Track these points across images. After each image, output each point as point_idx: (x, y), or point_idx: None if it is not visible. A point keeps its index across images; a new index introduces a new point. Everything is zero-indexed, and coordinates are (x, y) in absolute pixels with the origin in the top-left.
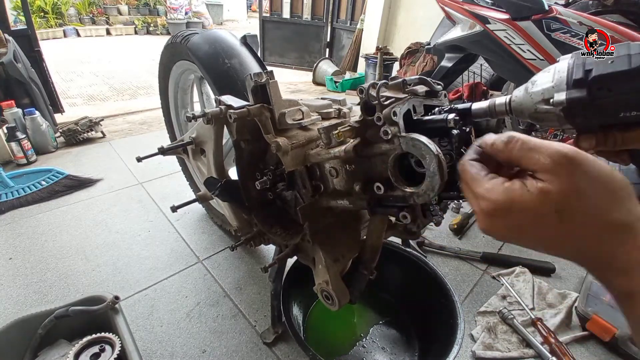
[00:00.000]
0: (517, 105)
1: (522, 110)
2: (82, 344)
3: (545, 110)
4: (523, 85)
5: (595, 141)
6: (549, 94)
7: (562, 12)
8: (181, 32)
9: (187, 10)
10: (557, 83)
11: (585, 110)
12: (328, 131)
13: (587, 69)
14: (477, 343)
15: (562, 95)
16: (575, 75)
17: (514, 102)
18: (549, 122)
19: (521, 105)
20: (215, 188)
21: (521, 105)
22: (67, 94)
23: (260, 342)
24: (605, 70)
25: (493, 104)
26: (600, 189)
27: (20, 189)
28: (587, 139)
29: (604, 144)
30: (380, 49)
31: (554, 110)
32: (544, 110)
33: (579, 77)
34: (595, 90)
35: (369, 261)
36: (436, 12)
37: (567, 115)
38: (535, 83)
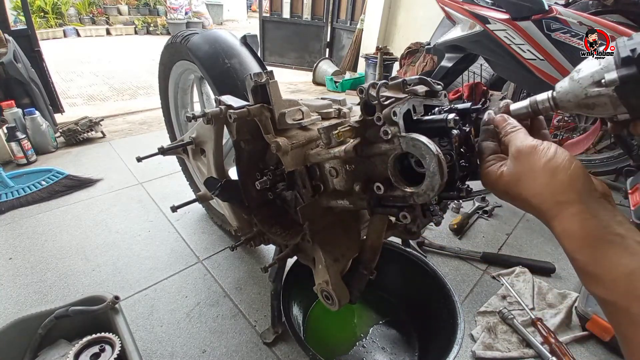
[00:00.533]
0: (563, 95)
1: (570, 99)
2: (82, 344)
3: (597, 94)
4: (565, 77)
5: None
6: (599, 75)
7: (562, 12)
8: (181, 32)
9: (187, 10)
10: (605, 64)
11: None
12: (328, 131)
13: (632, 49)
14: (477, 343)
15: (613, 74)
16: (622, 54)
17: (560, 92)
18: (601, 108)
19: (568, 94)
20: (215, 188)
21: (568, 94)
22: (67, 94)
23: (260, 342)
24: None
25: (535, 101)
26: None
27: (20, 189)
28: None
29: None
30: (380, 49)
31: (606, 92)
32: (595, 94)
33: (626, 55)
34: None
35: (369, 261)
36: (436, 12)
37: (621, 96)
38: (580, 70)
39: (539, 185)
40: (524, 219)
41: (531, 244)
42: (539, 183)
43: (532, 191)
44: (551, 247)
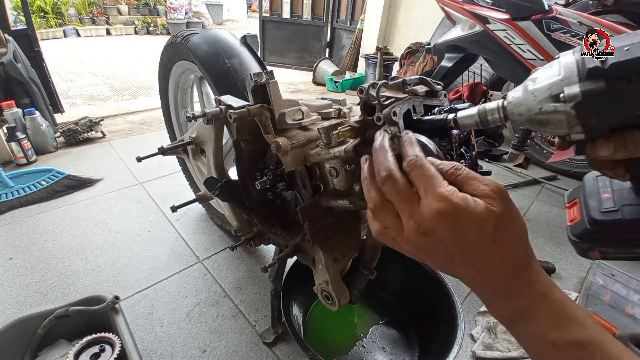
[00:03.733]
0: (514, 107)
1: (522, 113)
2: (82, 344)
3: (553, 109)
4: (519, 86)
5: (614, 146)
6: (557, 88)
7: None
8: (181, 32)
9: (187, 10)
10: (566, 75)
11: (602, 105)
12: (328, 131)
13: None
14: (477, 343)
15: (575, 88)
16: (589, 64)
17: (511, 104)
18: (554, 125)
19: (520, 107)
20: (215, 188)
21: (520, 107)
22: (67, 94)
23: (260, 342)
24: (622, 57)
25: (484, 110)
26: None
27: (20, 189)
28: (604, 144)
29: (623, 149)
30: (380, 49)
31: (564, 108)
32: (551, 109)
33: (594, 65)
34: (613, 80)
35: (369, 261)
36: (436, 12)
37: (581, 114)
38: (536, 80)
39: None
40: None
41: (531, 244)
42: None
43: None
44: (551, 247)
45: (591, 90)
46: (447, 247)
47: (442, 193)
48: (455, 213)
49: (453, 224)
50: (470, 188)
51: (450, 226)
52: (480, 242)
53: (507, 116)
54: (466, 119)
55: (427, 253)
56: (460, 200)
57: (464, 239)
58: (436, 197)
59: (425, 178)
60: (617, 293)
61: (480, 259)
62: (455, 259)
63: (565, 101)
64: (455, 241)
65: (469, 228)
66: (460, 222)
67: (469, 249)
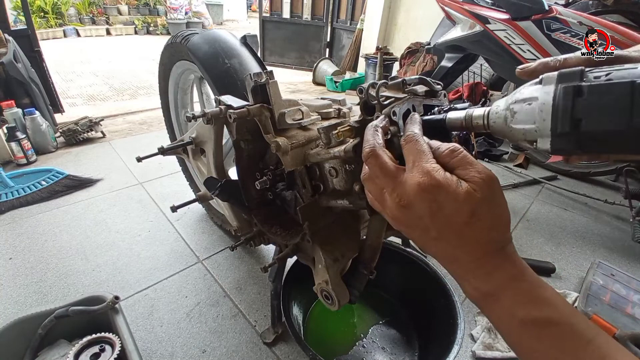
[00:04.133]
0: (495, 130)
1: (502, 136)
2: (82, 344)
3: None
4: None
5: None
6: (531, 136)
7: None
8: (181, 32)
9: (187, 10)
10: (540, 127)
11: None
12: (328, 131)
13: (577, 118)
14: (477, 343)
15: (546, 144)
16: (561, 128)
17: (492, 127)
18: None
19: (501, 133)
20: (215, 188)
21: (501, 133)
22: (67, 94)
23: (260, 342)
24: (598, 126)
25: (470, 116)
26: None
27: (20, 189)
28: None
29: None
30: (380, 49)
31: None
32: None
33: (566, 130)
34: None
35: (368, 261)
36: (436, 12)
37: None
38: (515, 116)
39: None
40: (524, 219)
41: (531, 244)
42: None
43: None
44: (551, 247)
45: (561, 149)
46: (424, 222)
47: (426, 167)
48: (434, 188)
49: (430, 199)
50: (463, 172)
51: (428, 200)
52: (454, 221)
53: (490, 130)
54: (453, 121)
55: (408, 227)
56: (442, 177)
57: (439, 215)
58: (420, 170)
59: (416, 152)
60: (617, 293)
61: (453, 237)
62: (430, 233)
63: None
64: (431, 216)
65: (445, 205)
66: (438, 198)
67: (443, 225)
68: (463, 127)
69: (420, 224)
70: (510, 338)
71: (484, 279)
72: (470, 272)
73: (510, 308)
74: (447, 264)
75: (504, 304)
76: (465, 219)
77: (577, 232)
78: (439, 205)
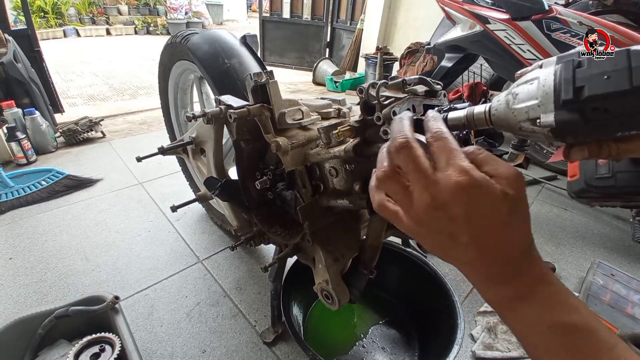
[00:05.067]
0: (497, 119)
1: (505, 125)
2: (82, 344)
3: (531, 130)
4: (503, 96)
5: (587, 152)
6: (534, 113)
7: (562, 12)
8: (181, 32)
9: (187, 10)
10: (543, 101)
11: (577, 131)
12: (328, 131)
13: (578, 86)
14: (477, 343)
15: (549, 117)
16: (565, 95)
17: (494, 115)
18: (536, 139)
19: (503, 121)
20: (215, 188)
21: (503, 121)
22: (67, 94)
23: (260, 342)
24: (600, 89)
25: (471, 113)
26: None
27: (20, 189)
28: (578, 151)
29: (597, 155)
30: (380, 49)
31: (541, 130)
32: (529, 129)
33: (569, 97)
34: (589, 111)
35: (368, 261)
36: (436, 12)
37: (557, 135)
38: (517, 97)
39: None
40: None
41: None
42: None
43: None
44: (551, 247)
45: (565, 120)
46: (456, 225)
47: (463, 166)
48: (474, 189)
49: (470, 200)
50: (490, 168)
51: (467, 202)
52: (493, 222)
53: (492, 122)
54: (454, 120)
55: (432, 231)
56: (480, 176)
57: (477, 216)
58: (457, 169)
59: (448, 150)
60: (617, 293)
61: (488, 240)
62: (460, 238)
63: (542, 127)
64: (467, 218)
65: (484, 206)
66: (478, 199)
67: (479, 228)
68: (465, 125)
69: (448, 228)
70: (533, 343)
71: (512, 282)
72: (498, 275)
73: (537, 313)
74: (472, 270)
75: (531, 307)
76: (503, 219)
77: (577, 232)
78: (478, 207)
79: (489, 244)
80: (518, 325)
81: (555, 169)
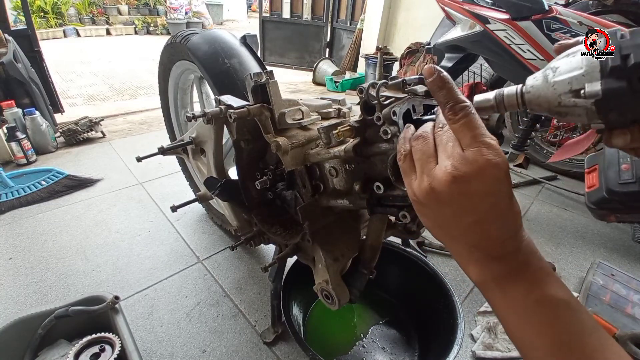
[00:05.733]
0: (533, 97)
1: (541, 103)
2: (82, 344)
3: (572, 104)
4: (539, 73)
5: (630, 137)
6: (578, 83)
7: (562, 12)
8: (181, 32)
9: (187, 10)
10: (588, 70)
11: (622, 103)
12: (328, 131)
13: (624, 54)
14: (477, 343)
15: (596, 86)
16: (612, 62)
17: (530, 93)
18: (573, 117)
19: (539, 98)
20: (215, 188)
21: (539, 98)
22: (67, 94)
23: (260, 342)
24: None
25: (501, 95)
26: None
27: (20, 189)
28: (620, 134)
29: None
30: (380, 49)
31: (584, 103)
32: (571, 104)
33: (617, 64)
34: (635, 80)
35: (368, 260)
36: (436, 12)
37: (600, 110)
38: (557, 70)
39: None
40: (524, 219)
41: None
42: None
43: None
44: (551, 247)
45: (612, 89)
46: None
47: (493, 144)
48: (504, 165)
49: (496, 177)
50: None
51: (493, 178)
52: (504, 201)
53: (525, 103)
54: (482, 103)
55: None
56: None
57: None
58: (488, 146)
59: (476, 126)
60: (617, 293)
61: (500, 216)
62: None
63: (586, 98)
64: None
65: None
66: (500, 178)
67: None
68: (493, 108)
69: (461, 204)
70: (518, 319)
71: (507, 258)
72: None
73: (527, 287)
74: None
75: (521, 283)
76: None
77: (577, 232)
78: (499, 185)
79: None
80: (505, 301)
81: (555, 169)
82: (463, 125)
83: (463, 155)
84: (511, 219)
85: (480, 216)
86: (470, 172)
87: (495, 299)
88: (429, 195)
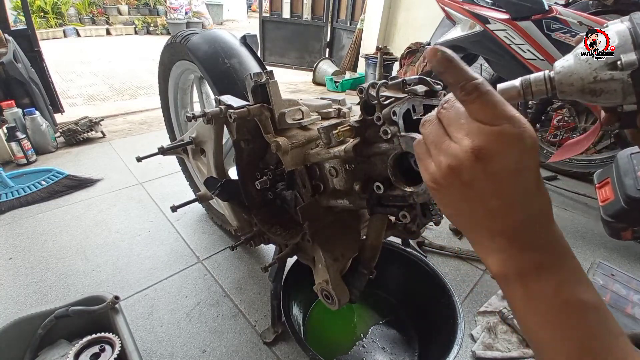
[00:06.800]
0: (564, 77)
1: (574, 83)
2: (82, 344)
3: (609, 77)
4: (569, 55)
5: None
6: (614, 55)
7: (562, 12)
8: (181, 32)
9: (187, 10)
10: (621, 42)
11: None
12: (328, 131)
13: None
14: (477, 343)
15: (632, 55)
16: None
17: (561, 73)
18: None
19: (572, 77)
20: (215, 188)
21: (572, 77)
22: (67, 94)
23: (260, 342)
24: None
25: (528, 81)
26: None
27: (20, 189)
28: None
29: None
30: (380, 49)
31: (621, 76)
32: (607, 77)
33: None
34: None
35: (368, 260)
36: (436, 12)
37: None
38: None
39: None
40: None
41: None
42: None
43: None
44: None
45: None
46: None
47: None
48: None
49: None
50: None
51: (520, 153)
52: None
53: (555, 87)
54: (507, 91)
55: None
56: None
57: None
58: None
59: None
60: (617, 293)
61: (527, 198)
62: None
63: (622, 68)
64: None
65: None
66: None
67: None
68: (520, 95)
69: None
70: (540, 318)
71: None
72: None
73: (557, 284)
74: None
75: (550, 280)
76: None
77: (577, 232)
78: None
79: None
80: (527, 298)
81: (555, 169)
82: (481, 105)
83: (483, 128)
84: (541, 203)
85: (506, 198)
86: (494, 147)
87: (515, 294)
88: (449, 177)
